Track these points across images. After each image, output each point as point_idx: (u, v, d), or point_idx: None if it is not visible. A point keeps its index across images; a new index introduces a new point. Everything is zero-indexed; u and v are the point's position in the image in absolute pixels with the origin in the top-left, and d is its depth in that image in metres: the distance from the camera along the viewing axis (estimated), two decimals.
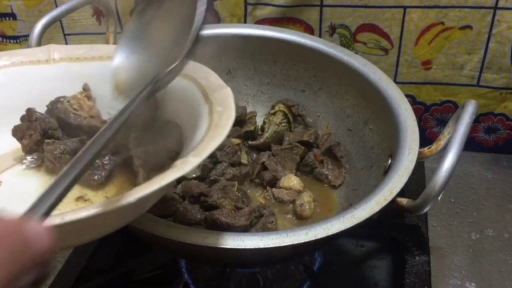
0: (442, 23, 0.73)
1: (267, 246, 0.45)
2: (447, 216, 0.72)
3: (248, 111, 0.74)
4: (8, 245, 0.20)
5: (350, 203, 0.64)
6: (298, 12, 0.76)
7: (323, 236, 0.45)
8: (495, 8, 0.70)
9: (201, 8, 0.38)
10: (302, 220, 0.62)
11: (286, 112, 0.72)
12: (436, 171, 0.47)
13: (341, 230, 0.46)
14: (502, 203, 0.74)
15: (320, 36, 0.78)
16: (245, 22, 0.78)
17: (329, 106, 0.73)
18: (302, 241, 0.45)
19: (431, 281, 0.61)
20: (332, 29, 0.77)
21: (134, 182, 0.45)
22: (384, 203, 0.49)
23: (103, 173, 0.47)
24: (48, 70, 0.53)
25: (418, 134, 0.57)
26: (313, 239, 0.45)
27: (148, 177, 0.43)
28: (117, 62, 0.44)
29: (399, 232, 0.67)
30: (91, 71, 0.53)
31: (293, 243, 0.45)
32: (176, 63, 0.40)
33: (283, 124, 0.71)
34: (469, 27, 0.72)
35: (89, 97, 0.53)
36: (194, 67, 0.50)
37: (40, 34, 0.61)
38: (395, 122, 0.60)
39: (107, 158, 0.47)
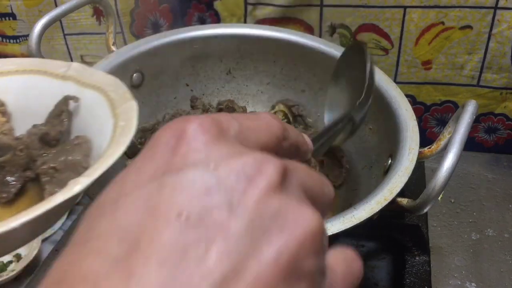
0: (442, 23, 0.73)
1: None
2: (447, 216, 0.72)
3: (248, 111, 0.74)
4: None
5: (350, 203, 0.64)
6: (298, 12, 0.76)
7: None
8: (495, 8, 0.70)
9: (368, 65, 0.55)
10: None
11: (286, 112, 0.72)
12: (436, 171, 0.47)
13: (341, 230, 0.46)
14: (502, 203, 0.74)
15: (320, 36, 0.78)
16: (245, 22, 0.78)
17: None
18: None
19: (431, 281, 0.61)
20: (332, 29, 0.77)
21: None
22: (384, 203, 0.49)
23: (12, 189, 0.46)
24: None
25: (418, 134, 0.57)
26: None
27: (53, 193, 0.42)
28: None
29: (399, 232, 0.67)
30: (7, 86, 0.51)
31: None
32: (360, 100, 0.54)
33: None
34: (469, 27, 0.72)
35: (3, 113, 0.51)
36: (105, 79, 0.49)
37: (40, 34, 0.61)
38: (395, 122, 0.60)
39: (16, 174, 0.46)
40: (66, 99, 0.49)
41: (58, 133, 0.48)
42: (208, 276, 0.16)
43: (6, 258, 0.79)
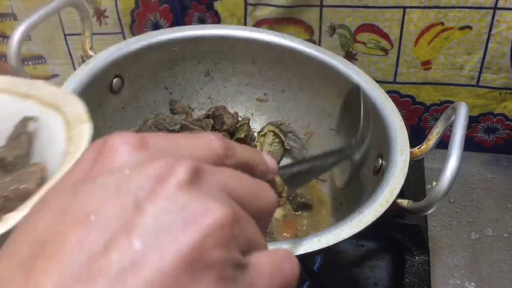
0: (442, 23, 0.73)
1: None
2: (447, 216, 0.72)
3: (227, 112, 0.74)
4: None
5: (340, 202, 0.65)
6: (298, 13, 0.76)
7: (335, 242, 0.46)
8: (495, 8, 0.70)
9: (362, 107, 0.55)
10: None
11: (277, 132, 0.72)
12: (441, 173, 0.48)
13: (350, 235, 0.47)
14: (501, 203, 0.74)
15: (319, 36, 0.78)
16: (245, 22, 0.78)
17: (310, 106, 0.73)
18: (315, 249, 0.46)
19: (430, 281, 0.61)
20: (332, 30, 0.77)
21: None
22: (386, 205, 0.50)
23: None
24: None
25: (407, 134, 0.58)
26: (326, 246, 0.46)
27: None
28: None
29: (399, 232, 0.68)
30: None
31: (307, 251, 0.46)
32: None
33: (275, 144, 0.72)
34: (468, 27, 0.73)
35: None
36: (65, 98, 0.46)
37: (19, 43, 0.58)
38: (382, 122, 0.61)
39: None
40: (25, 120, 0.46)
41: (15, 157, 0.45)
42: (105, 271, 0.17)
43: None
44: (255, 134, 0.74)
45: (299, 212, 0.65)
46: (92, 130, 0.41)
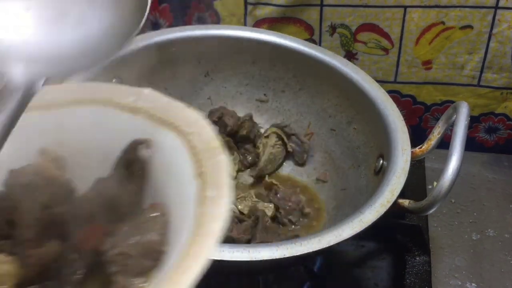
0: (443, 22, 0.73)
1: (283, 256, 0.45)
2: (448, 216, 0.72)
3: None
4: None
5: (339, 203, 0.65)
6: (298, 12, 0.76)
7: (336, 242, 0.46)
8: (496, 7, 0.70)
9: None
10: None
11: (279, 133, 0.72)
12: (442, 173, 0.48)
13: (351, 235, 0.47)
14: (502, 203, 0.74)
15: (320, 36, 0.77)
16: (245, 21, 0.78)
17: (311, 106, 0.73)
18: (316, 249, 0.46)
19: (431, 282, 0.61)
20: (332, 29, 0.77)
21: None
22: (387, 205, 0.50)
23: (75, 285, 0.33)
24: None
25: (408, 134, 0.58)
26: (327, 246, 0.46)
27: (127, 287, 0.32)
28: None
29: (399, 232, 0.67)
30: (64, 121, 0.38)
31: (307, 251, 0.45)
32: None
33: (277, 146, 0.71)
34: (469, 26, 0.72)
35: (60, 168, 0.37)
36: (184, 114, 0.36)
37: None
38: (383, 122, 0.60)
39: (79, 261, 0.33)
40: (136, 144, 0.36)
41: (133, 196, 0.35)
42: None
43: None
44: (262, 130, 0.74)
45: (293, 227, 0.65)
46: (229, 166, 0.31)
